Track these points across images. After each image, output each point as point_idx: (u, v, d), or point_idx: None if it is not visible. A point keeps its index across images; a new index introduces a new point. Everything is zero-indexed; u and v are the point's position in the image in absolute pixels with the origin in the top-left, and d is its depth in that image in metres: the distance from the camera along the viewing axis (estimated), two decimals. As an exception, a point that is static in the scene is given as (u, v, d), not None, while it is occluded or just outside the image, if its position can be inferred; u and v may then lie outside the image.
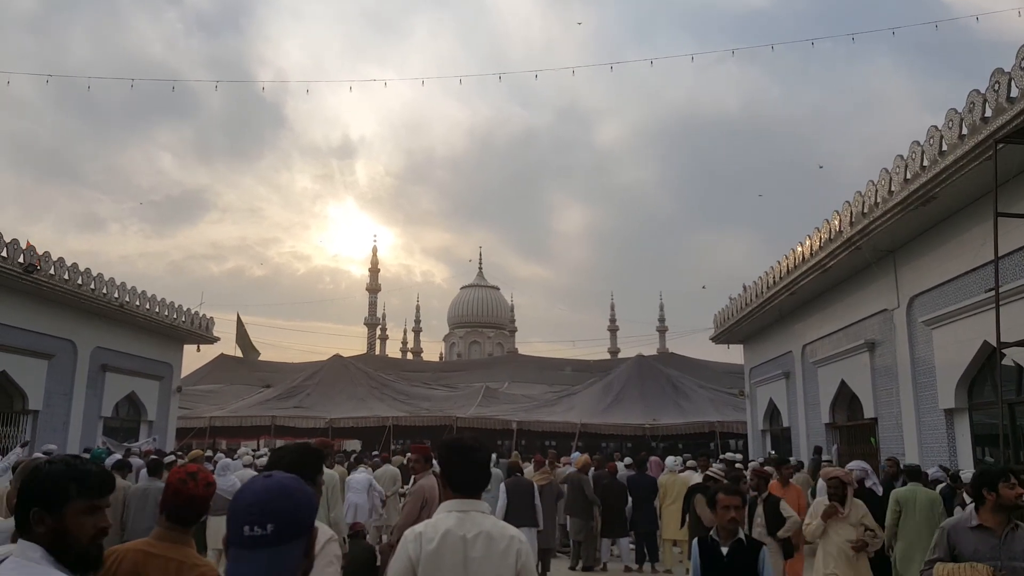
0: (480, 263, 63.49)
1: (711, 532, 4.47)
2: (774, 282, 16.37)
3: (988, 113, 8.67)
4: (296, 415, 26.53)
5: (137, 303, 18.40)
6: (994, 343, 8.19)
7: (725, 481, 7.65)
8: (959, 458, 10.47)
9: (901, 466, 8.89)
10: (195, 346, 22.89)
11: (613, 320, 67.09)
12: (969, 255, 10.06)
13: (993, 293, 8.17)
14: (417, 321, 70.49)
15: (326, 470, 7.32)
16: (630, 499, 11.51)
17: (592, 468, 11.73)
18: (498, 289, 62.92)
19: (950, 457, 10.51)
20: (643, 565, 11.35)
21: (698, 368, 34.23)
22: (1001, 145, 8.07)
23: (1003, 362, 9.39)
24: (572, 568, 10.84)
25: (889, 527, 7.15)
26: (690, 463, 11.55)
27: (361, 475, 11.40)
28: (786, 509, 7.53)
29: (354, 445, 29.04)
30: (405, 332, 70.50)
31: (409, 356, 64.33)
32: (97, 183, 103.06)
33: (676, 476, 11.49)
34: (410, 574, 2.44)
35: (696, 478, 9.71)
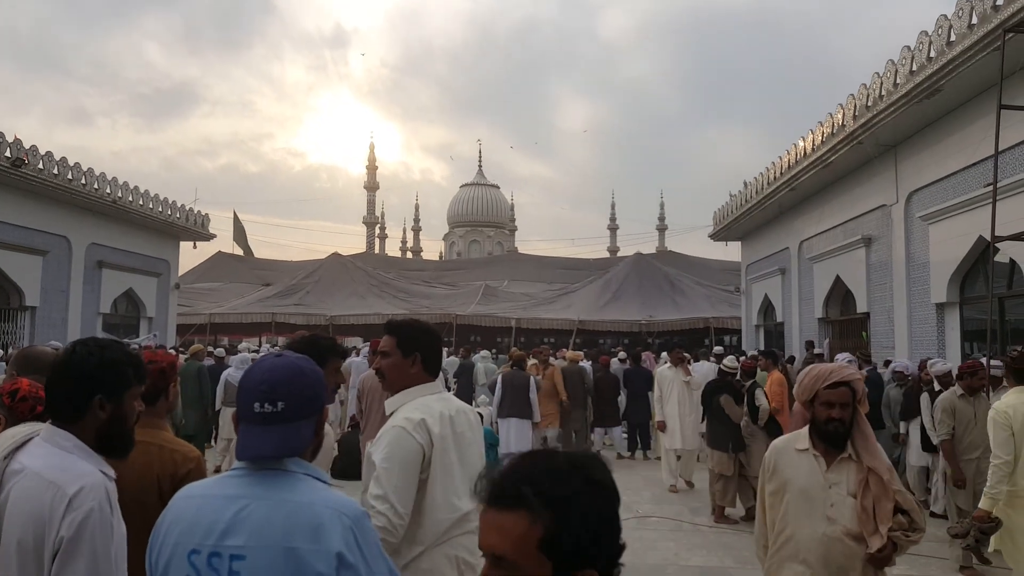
0: (480, 161, 62.72)
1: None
2: (775, 178, 16.19)
3: (1000, 2, 8.30)
4: (297, 312, 26.88)
5: (131, 199, 18.23)
6: (989, 238, 8.18)
7: (737, 375, 7.84)
8: (947, 351, 10.68)
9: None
10: (191, 243, 22.88)
11: (613, 219, 66.92)
12: (970, 149, 9.89)
13: (991, 188, 8.08)
14: (416, 220, 70.30)
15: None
16: (624, 391, 11.93)
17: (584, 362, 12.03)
18: (498, 188, 62.38)
19: (939, 350, 10.71)
20: (635, 453, 11.82)
21: (696, 266, 34.43)
22: (1010, 35, 7.78)
23: (996, 257, 9.42)
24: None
25: None
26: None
27: (364, 362, 11.29)
28: (759, 397, 7.78)
29: (355, 342, 29.60)
30: (404, 231, 70.48)
31: (409, 255, 64.57)
32: (84, 76, 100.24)
33: (671, 370, 11.81)
34: (419, 462, 2.38)
35: (663, 370, 9.93)
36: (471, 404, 12.02)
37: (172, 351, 12.85)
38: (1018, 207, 8.62)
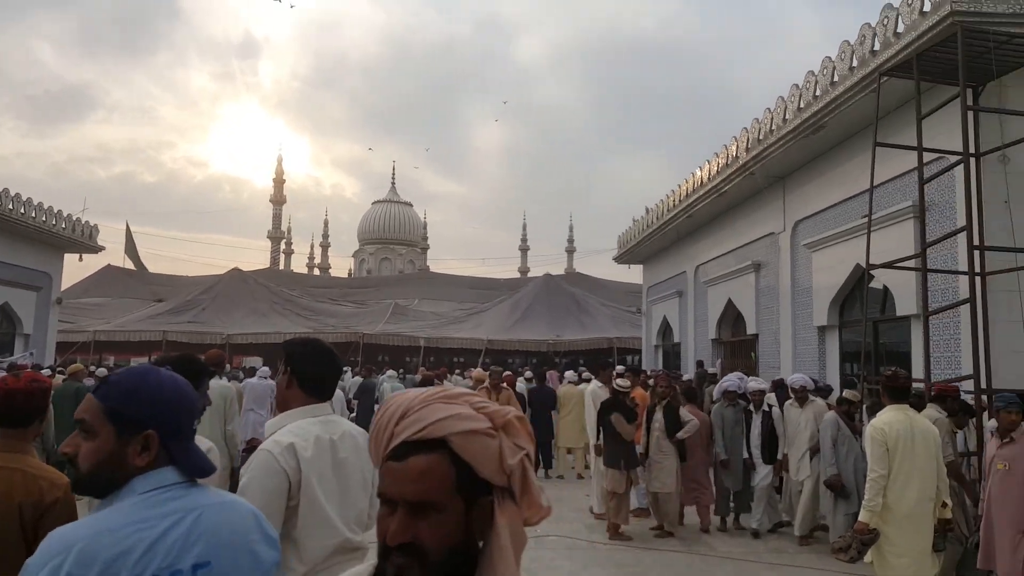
0: (393, 177, 62.18)
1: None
2: (674, 205, 16.83)
3: (876, 47, 8.99)
4: (190, 330, 25.74)
5: (11, 206, 17.04)
6: (864, 265, 8.76)
7: (629, 394, 8.02)
8: (827, 372, 11.34)
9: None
10: (77, 255, 21.55)
11: (524, 240, 67.66)
12: (849, 183, 10.61)
13: (867, 219, 8.68)
14: (325, 236, 68.90)
15: (223, 383, 7.16)
16: (529, 410, 11.99)
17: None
18: (411, 205, 62.04)
19: (819, 370, 11.35)
20: (537, 471, 11.87)
21: (601, 287, 35.28)
22: (885, 78, 8.40)
23: (871, 284, 10.12)
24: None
25: None
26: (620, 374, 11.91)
27: (262, 382, 10.70)
28: (685, 414, 8.07)
29: (254, 362, 28.56)
30: (312, 247, 68.90)
31: (316, 272, 63.06)
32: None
33: (573, 388, 12.02)
34: (285, 489, 2.26)
35: (594, 389, 9.71)
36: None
37: (48, 371, 12.00)
38: (890, 238, 9.28)
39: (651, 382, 9.57)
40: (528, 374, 14.39)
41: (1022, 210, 8.11)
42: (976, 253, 7.44)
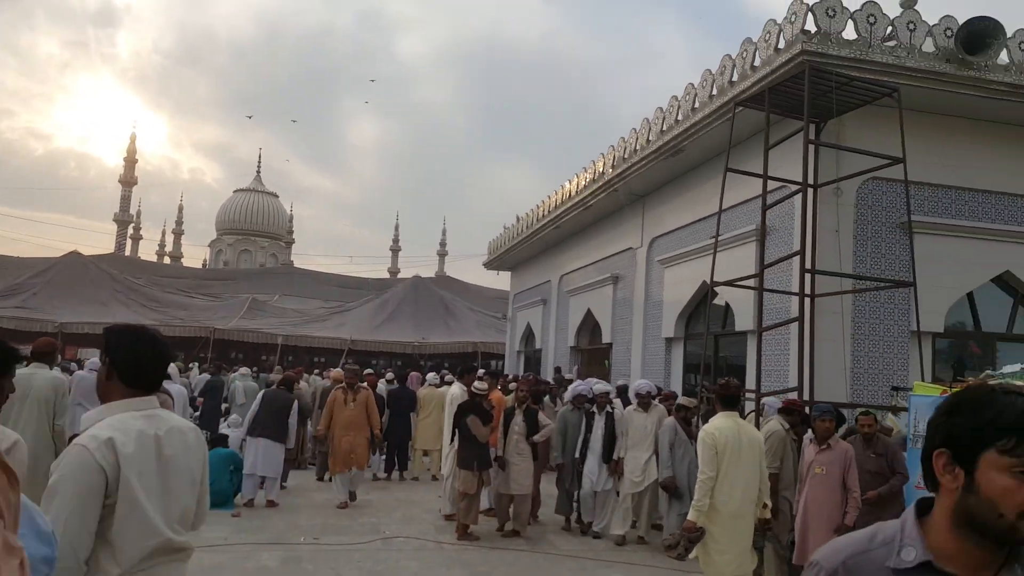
0: (259, 166, 59.54)
1: None
2: (543, 215, 17.24)
3: (735, 78, 9.63)
4: (17, 316, 23.37)
5: None
6: (709, 283, 9.35)
7: (486, 396, 8.08)
8: (672, 380, 11.99)
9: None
10: None
11: (396, 240, 66.86)
12: (701, 205, 11.28)
13: (714, 240, 9.27)
14: (179, 222, 64.94)
15: (55, 374, 6.50)
16: (388, 411, 11.78)
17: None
18: (277, 196, 59.57)
19: (664, 379, 11.97)
20: (391, 474, 11.72)
21: (470, 292, 35.44)
22: (740, 108, 9.00)
23: (715, 300, 10.80)
24: (319, 479, 10.88)
25: None
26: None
27: (92, 375, 10.14)
28: (543, 418, 8.31)
29: (91, 354, 26.38)
30: (164, 233, 64.70)
31: (167, 260, 59.16)
32: None
33: (434, 390, 11.96)
34: (102, 486, 2.09)
35: (455, 391, 9.55)
36: (220, 424, 11.31)
37: None
38: (734, 258, 9.95)
39: (512, 386, 9.74)
40: (390, 375, 14.19)
41: (849, 239, 8.97)
42: (807, 276, 8.12)
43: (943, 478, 1.24)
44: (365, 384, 10.29)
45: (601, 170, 13.69)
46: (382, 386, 12.56)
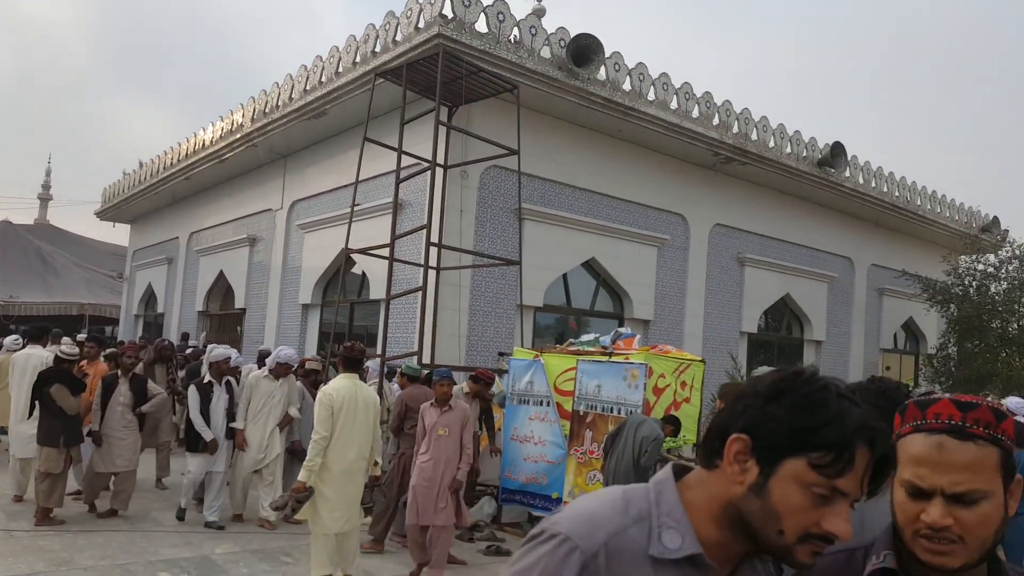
0: None
1: None
2: (171, 164, 15.65)
3: (377, 48, 9.77)
4: None
5: None
6: (347, 250, 9.43)
7: (75, 360, 6.97)
8: (307, 347, 11.88)
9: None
10: None
11: (-21, 176, 54.71)
12: (344, 172, 11.30)
13: (352, 208, 9.35)
14: None
15: None
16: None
17: None
18: None
19: (300, 345, 11.82)
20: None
21: (79, 245, 30.58)
22: (380, 80, 9.16)
23: (353, 269, 10.96)
24: None
25: None
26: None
27: None
28: (153, 387, 7.58)
29: None
30: None
31: None
32: None
33: (10, 356, 10.04)
34: None
35: (41, 357, 8.09)
36: None
37: None
38: (372, 228, 10.16)
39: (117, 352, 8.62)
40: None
41: (472, 219, 9.78)
42: (433, 250, 8.66)
43: (730, 467, 1.03)
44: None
45: (240, 122, 12.87)
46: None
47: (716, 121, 11.63)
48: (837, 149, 13.15)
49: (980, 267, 14.49)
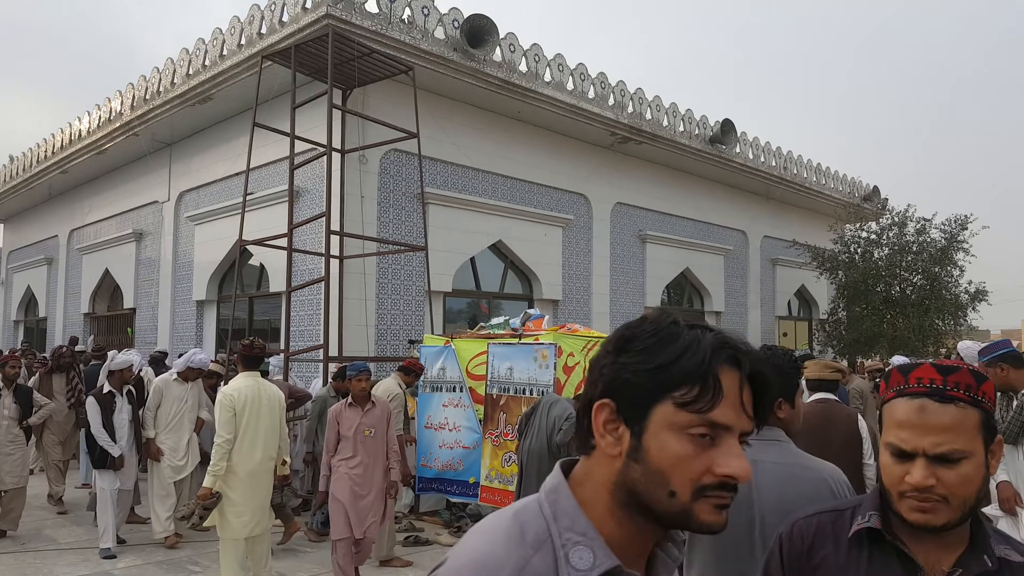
0: None
1: None
2: (45, 157, 14.54)
3: (264, 30, 9.34)
4: None
5: None
6: (242, 241, 9.03)
7: None
8: (204, 345, 11.34)
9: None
10: None
11: None
12: (234, 159, 10.79)
13: (245, 198, 8.95)
14: None
15: None
16: None
17: None
18: None
19: (196, 344, 11.26)
20: None
21: (-56, 248, 28.13)
22: (268, 63, 8.76)
23: (250, 261, 10.52)
24: None
25: None
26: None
27: None
28: (40, 398, 7.19)
29: None
30: None
31: None
32: None
33: None
34: None
35: None
36: None
37: None
38: (267, 218, 9.78)
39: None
40: None
41: (373, 205, 9.55)
42: (334, 238, 8.40)
43: (603, 439, 0.88)
44: None
45: (119, 110, 12.06)
46: None
47: (611, 101, 11.80)
48: (727, 126, 13.64)
49: (864, 235, 15.39)
